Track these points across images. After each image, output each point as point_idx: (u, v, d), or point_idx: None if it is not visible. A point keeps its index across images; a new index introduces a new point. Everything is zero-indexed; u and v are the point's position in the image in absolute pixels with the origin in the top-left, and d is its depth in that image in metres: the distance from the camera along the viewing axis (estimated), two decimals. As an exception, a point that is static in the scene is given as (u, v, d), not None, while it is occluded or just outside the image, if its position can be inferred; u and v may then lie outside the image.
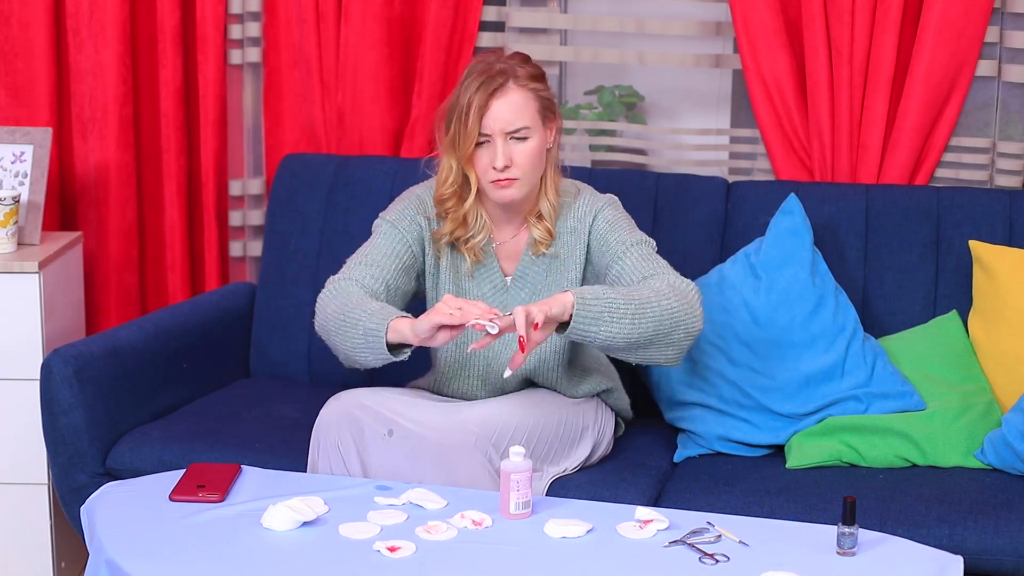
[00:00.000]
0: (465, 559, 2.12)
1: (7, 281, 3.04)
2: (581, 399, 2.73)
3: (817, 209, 3.04)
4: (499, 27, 3.42)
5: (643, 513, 2.27)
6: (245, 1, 3.43)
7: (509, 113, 2.56)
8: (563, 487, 2.61)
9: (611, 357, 2.78)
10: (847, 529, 2.14)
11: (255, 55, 3.47)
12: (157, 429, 2.88)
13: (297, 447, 2.69)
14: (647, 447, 2.86)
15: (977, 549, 2.47)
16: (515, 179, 2.58)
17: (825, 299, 2.88)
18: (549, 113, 2.63)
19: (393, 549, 2.13)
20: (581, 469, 2.69)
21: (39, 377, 2.81)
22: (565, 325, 2.43)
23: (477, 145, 2.57)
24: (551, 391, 2.72)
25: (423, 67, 3.36)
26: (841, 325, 2.87)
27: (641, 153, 3.51)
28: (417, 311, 2.50)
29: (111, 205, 3.47)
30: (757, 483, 2.66)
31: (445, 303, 2.37)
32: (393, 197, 2.81)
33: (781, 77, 3.21)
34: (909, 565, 2.13)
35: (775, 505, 2.56)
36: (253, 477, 2.44)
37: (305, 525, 2.22)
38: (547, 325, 2.39)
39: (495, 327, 2.34)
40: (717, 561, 2.12)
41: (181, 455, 2.76)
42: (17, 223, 3.14)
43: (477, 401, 2.60)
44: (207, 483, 2.36)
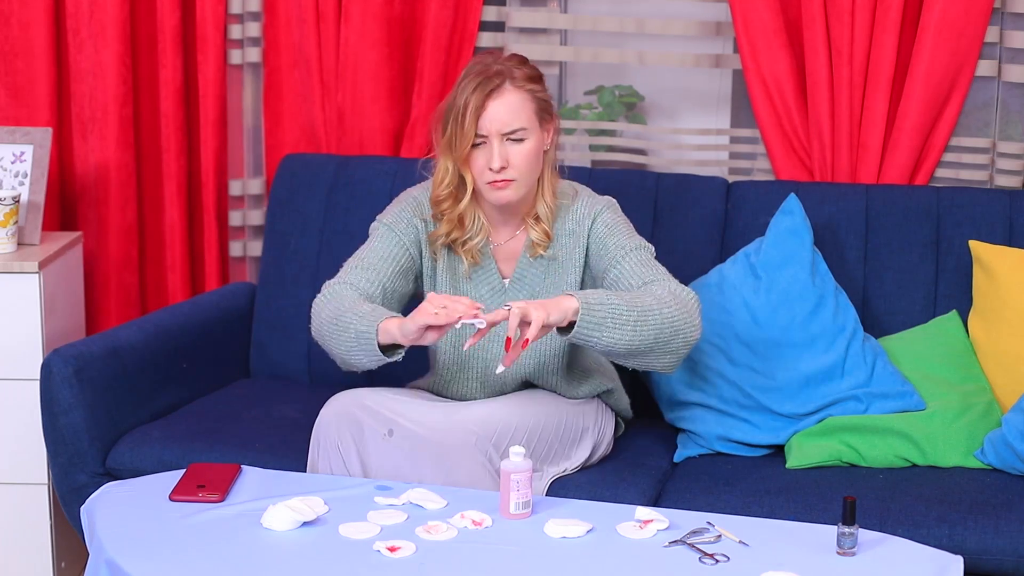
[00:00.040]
0: (465, 559, 2.12)
1: (7, 281, 3.04)
2: (581, 400, 2.73)
3: (817, 209, 3.04)
4: (499, 27, 3.42)
5: (643, 513, 2.27)
6: (245, 1, 3.43)
7: (505, 114, 2.55)
8: (563, 487, 2.60)
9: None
10: (847, 529, 2.14)
11: (255, 55, 3.47)
12: (157, 429, 2.88)
13: (297, 447, 2.69)
14: (647, 447, 2.86)
15: (977, 549, 2.47)
16: (511, 180, 2.57)
17: (825, 299, 2.88)
18: (546, 115, 2.62)
19: (393, 549, 2.13)
20: (581, 469, 2.69)
21: (39, 377, 2.81)
22: (567, 329, 2.42)
23: (473, 146, 2.56)
24: (551, 392, 2.72)
25: (423, 67, 3.36)
26: (841, 325, 2.87)
27: (641, 153, 3.51)
28: (415, 311, 2.50)
29: (111, 205, 3.46)
30: (757, 483, 2.66)
31: (430, 302, 2.36)
32: (393, 197, 2.80)
33: (781, 77, 3.21)
34: (909, 565, 2.13)
35: (775, 505, 2.56)
36: (253, 477, 2.44)
37: (305, 525, 2.22)
38: (544, 331, 2.38)
39: (482, 322, 2.35)
40: (717, 561, 2.12)
41: (181, 455, 2.76)
42: (17, 223, 3.14)
43: (477, 401, 2.60)
44: (207, 483, 2.36)
